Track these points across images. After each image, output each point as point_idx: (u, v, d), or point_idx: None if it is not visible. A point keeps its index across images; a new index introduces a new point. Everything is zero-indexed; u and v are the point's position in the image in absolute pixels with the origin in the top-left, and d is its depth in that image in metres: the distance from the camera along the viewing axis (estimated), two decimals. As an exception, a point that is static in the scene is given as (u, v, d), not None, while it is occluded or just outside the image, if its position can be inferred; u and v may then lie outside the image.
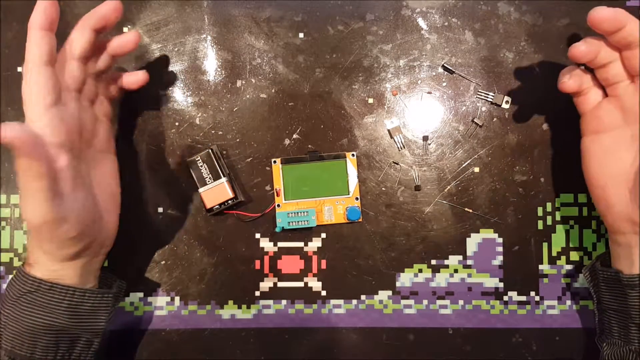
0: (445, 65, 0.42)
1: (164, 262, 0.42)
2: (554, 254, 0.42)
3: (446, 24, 0.43)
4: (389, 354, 0.42)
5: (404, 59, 0.43)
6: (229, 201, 0.40)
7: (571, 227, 0.42)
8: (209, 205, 0.40)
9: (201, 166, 0.41)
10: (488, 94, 0.42)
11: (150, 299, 0.42)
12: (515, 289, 0.42)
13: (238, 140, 0.43)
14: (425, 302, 0.42)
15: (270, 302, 0.42)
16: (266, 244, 0.42)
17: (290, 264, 0.42)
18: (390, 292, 0.42)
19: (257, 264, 0.42)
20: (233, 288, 0.42)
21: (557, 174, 0.42)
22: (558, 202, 0.42)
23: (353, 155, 0.42)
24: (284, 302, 0.42)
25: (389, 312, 0.42)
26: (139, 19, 0.43)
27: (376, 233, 0.42)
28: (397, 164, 0.42)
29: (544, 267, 0.42)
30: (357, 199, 0.42)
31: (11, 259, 0.42)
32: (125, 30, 0.43)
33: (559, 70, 0.43)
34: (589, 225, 0.42)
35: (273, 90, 0.43)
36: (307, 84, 0.43)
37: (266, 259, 0.42)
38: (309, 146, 0.42)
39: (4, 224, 0.43)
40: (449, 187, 0.42)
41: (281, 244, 0.42)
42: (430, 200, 0.42)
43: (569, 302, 0.42)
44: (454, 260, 0.42)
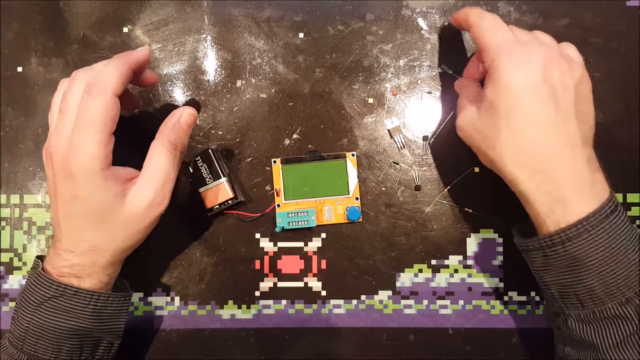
0: (443, 67, 0.42)
1: (164, 262, 0.42)
2: (554, 254, 0.42)
3: (446, 23, 0.43)
4: (389, 354, 0.42)
5: (404, 59, 0.43)
6: (229, 201, 0.40)
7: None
8: (209, 205, 0.40)
9: (201, 166, 0.41)
10: (488, 94, 0.42)
11: (150, 299, 0.42)
12: (515, 289, 0.42)
13: (238, 140, 0.43)
14: (425, 302, 0.42)
15: (270, 302, 0.42)
16: (266, 244, 0.42)
17: (290, 264, 0.42)
18: (390, 292, 0.42)
19: (257, 264, 0.42)
20: (233, 288, 0.42)
21: (557, 174, 0.42)
22: (558, 202, 0.42)
23: (353, 155, 0.42)
24: (284, 302, 0.42)
25: (389, 312, 0.42)
26: (139, 19, 0.43)
27: (376, 233, 0.42)
28: (397, 164, 0.42)
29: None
30: (357, 199, 0.42)
31: (11, 259, 0.42)
32: (125, 30, 0.43)
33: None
34: (589, 225, 0.42)
35: (273, 90, 0.43)
36: (307, 84, 0.43)
37: (266, 259, 0.42)
38: (309, 146, 0.42)
39: (4, 224, 0.43)
40: (448, 187, 0.42)
41: (281, 244, 0.42)
42: (430, 200, 0.42)
43: (569, 302, 0.42)
44: (454, 260, 0.42)
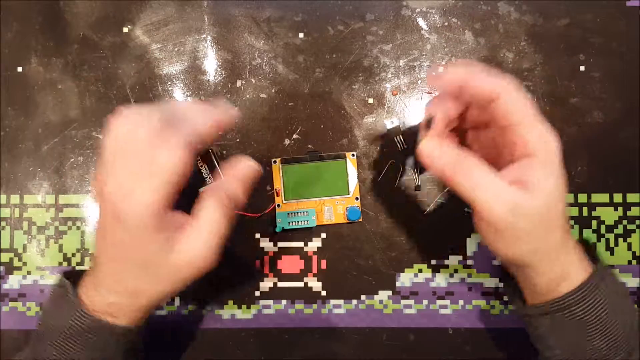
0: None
1: (164, 262, 0.42)
2: (554, 254, 0.42)
3: (446, 24, 0.43)
4: (389, 354, 0.42)
5: (404, 59, 0.43)
6: (229, 201, 0.40)
7: (571, 227, 0.42)
8: (209, 205, 0.40)
9: (201, 166, 0.40)
10: (488, 94, 0.42)
11: (150, 299, 0.42)
12: (515, 289, 0.42)
13: (238, 140, 0.43)
14: (425, 302, 0.42)
15: (270, 302, 0.42)
16: (266, 244, 0.42)
17: (290, 264, 0.42)
18: (390, 292, 0.42)
19: (257, 264, 0.42)
20: (233, 288, 0.42)
21: (557, 174, 0.42)
22: (558, 202, 0.42)
23: (353, 155, 0.42)
24: (284, 302, 0.42)
25: (389, 312, 0.42)
26: (139, 19, 0.43)
27: (376, 233, 0.42)
28: (397, 164, 0.42)
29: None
30: (357, 199, 0.42)
31: (11, 259, 0.42)
32: (125, 30, 0.43)
33: (559, 71, 0.43)
34: (589, 225, 0.42)
35: (273, 90, 0.43)
36: (307, 84, 0.43)
37: (266, 259, 0.42)
38: (309, 146, 0.42)
39: (4, 224, 0.43)
40: (449, 187, 0.42)
41: (281, 244, 0.42)
42: (430, 200, 0.42)
43: (569, 302, 0.42)
44: (454, 260, 0.42)
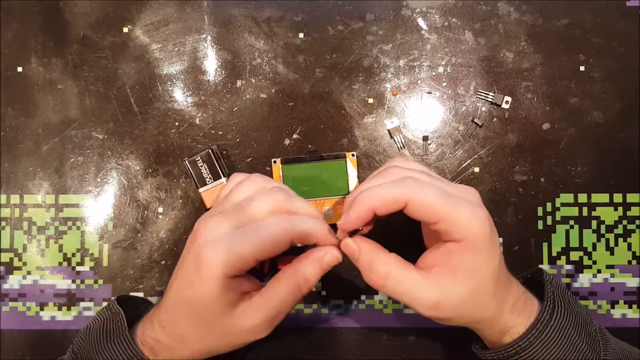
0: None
1: (164, 262, 0.42)
2: (554, 254, 0.42)
3: (446, 24, 0.43)
4: (389, 354, 0.42)
5: (404, 59, 0.43)
6: (229, 201, 0.40)
7: (571, 227, 0.42)
8: (209, 205, 0.40)
9: (201, 166, 0.41)
10: (488, 94, 0.42)
11: (151, 298, 0.42)
12: (515, 289, 0.42)
13: (238, 140, 0.43)
14: (425, 302, 0.42)
15: (270, 302, 0.42)
16: (266, 244, 0.42)
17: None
18: (390, 292, 0.42)
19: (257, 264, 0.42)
20: (233, 288, 0.42)
21: (557, 174, 0.42)
22: (558, 202, 0.42)
23: (353, 155, 0.42)
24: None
25: (388, 312, 0.42)
26: (139, 19, 0.43)
27: (376, 233, 0.42)
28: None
29: (544, 267, 0.42)
30: (357, 199, 0.42)
31: (11, 259, 0.42)
32: (125, 30, 0.43)
33: (559, 70, 0.43)
34: (589, 225, 0.42)
35: (273, 90, 0.43)
36: (307, 84, 0.43)
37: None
38: (309, 146, 0.42)
39: (4, 224, 0.43)
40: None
41: (281, 244, 0.42)
42: (430, 200, 0.42)
43: (569, 302, 0.42)
44: (454, 260, 0.42)
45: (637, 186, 0.42)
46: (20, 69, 0.43)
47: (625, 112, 0.42)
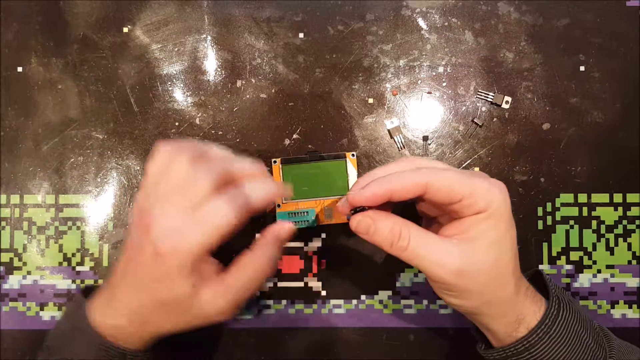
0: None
1: (164, 262, 0.42)
2: (554, 254, 0.42)
3: (446, 24, 0.43)
4: (389, 354, 0.42)
5: (404, 59, 0.43)
6: (229, 201, 0.40)
7: (571, 227, 0.42)
8: (209, 205, 0.40)
9: (201, 166, 0.40)
10: (488, 94, 0.42)
11: (150, 299, 0.42)
12: (515, 289, 0.42)
13: (238, 140, 0.43)
14: (425, 302, 0.42)
15: (270, 302, 0.42)
16: (266, 244, 0.42)
17: (290, 264, 0.42)
18: (390, 292, 0.42)
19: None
20: (233, 288, 0.42)
21: (557, 174, 0.42)
22: (558, 202, 0.42)
23: (353, 155, 0.42)
24: (284, 302, 0.42)
25: (389, 312, 0.42)
26: (139, 19, 0.43)
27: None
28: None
29: (544, 267, 0.42)
30: (357, 199, 0.42)
31: (11, 259, 0.42)
32: (125, 30, 0.43)
33: (559, 70, 0.43)
34: (589, 225, 0.42)
35: (273, 90, 0.43)
36: (307, 84, 0.43)
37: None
38: (309, 146, 0.42)
39: (4, 224, 0.43)
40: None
41: (281, 244, 0.42)
42: (430, 200, 0.42)
43: (569, 302, 0.42)
44: (454, 260, 0.42)
45: (637, 186, 0.42)
46: (20, 69, 0.43)
47: (625, 112, 0.42)
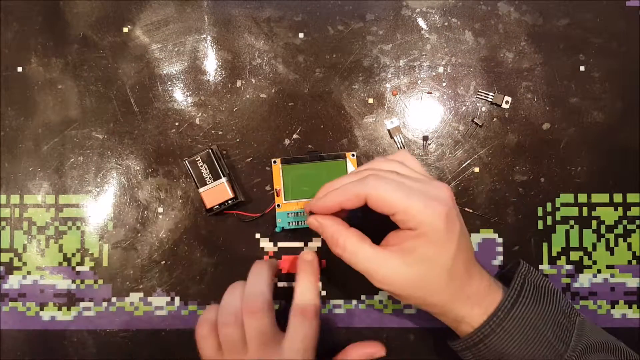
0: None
1: (164, 262, 0.42)
2: (554, 254, 0.42)
3: (446, 24, 0.43)
4: (389, 354, 0.42)
5: (404, 59, 0.43)
6: (229, 201, 0.40)
7: (571, 227, 0.42)
8: (209, 205, 0.40)
9: (201, 166, 0.41)
10: (488, 94, 0.42)
11: (150, 299, 0.42)
12: (515, 289, 0.42)
13: (238, 140, 0.43)
14: (425, 302, 0.42)
15: (270, 302, 0.42)
16: (266, 244, 0.42)
17: (291, 264, 0.42)
18: (390, 292, 0.42)
19: None
20: (233, 288, 0.42)
21: (557, 174, 0.42)
22: (558, 202, 0.42)
23: (353, 155, 0.42)
24: (284, 302, 0.42)
25: (389, 312, 0.42)
26: (139, 19, 0.43)
27: (376, 233, 0.42)
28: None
29: (544, 267, 0.42)
30: (357, 199, 0.42)
31: (11, 259, 0.42)
32: (125, 30, 0.43)
33: (558, 70, 0.43)
34: (589, 225, 0.42)
35: (273, 90, 0.43)
36: (307, 84, 0.43)
37: (266, 259, 0.42)
38: (309, 146, 0.42)
39: (4, 224, 0.43)
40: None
41: (281, 244, 0.42)
42: (430, 200, 0.42)
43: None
44: (454, 260, 0.42)
45: (637, 186, 0.42)
46: (20, 69, 0.43)
47: (625, 112, 0.42)
